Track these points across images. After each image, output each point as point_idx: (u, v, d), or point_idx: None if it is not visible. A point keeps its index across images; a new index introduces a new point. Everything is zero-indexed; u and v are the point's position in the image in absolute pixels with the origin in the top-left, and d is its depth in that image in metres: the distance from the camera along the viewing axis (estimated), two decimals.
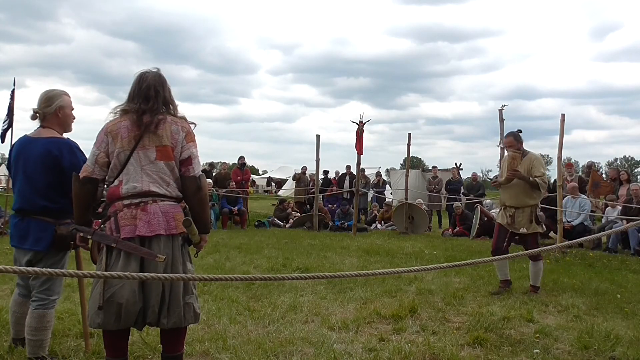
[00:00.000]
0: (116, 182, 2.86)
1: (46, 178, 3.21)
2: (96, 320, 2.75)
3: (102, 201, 3.03)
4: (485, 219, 12.07)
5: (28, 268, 1.98)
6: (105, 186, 2.95)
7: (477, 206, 12.47)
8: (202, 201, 2.94)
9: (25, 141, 3.32)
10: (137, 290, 2.76)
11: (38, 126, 3.34)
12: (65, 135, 3.40)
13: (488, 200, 13.96)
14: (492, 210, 12.63)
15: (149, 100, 2.89)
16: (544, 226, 6.04)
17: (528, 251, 4.07)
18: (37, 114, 3.31)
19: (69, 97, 3.38)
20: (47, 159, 3.19)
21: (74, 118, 3.43)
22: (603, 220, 10.50)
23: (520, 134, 5.87)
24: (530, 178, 5.59)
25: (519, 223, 5.73)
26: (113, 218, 2.83)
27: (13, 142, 3.96)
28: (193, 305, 2.88)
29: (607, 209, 10.38)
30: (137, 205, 2.80)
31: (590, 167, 13.30)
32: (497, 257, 4.77)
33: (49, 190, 3.22)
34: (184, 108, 4.43)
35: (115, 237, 2.77)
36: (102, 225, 2.89)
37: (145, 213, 2.78)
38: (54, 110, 3.28)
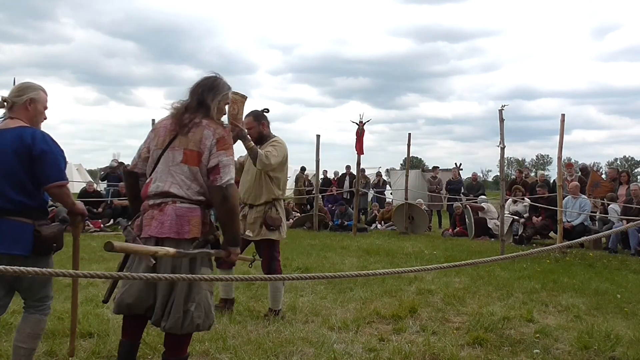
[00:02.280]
0: (148, 180, 2.94)
1: (21, 169, 2.87)
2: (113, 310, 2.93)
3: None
4: (479, 214, 12.08)
5: (28, 268, 1.93)
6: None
7: (466, 206, 12.49)
8: (229, 212, 2.84)
9: None
10: (145, 289, 2.80)
11: (3, 117, 3.05)
12: None
13: (482, 197, 13.85)
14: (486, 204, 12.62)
15: (188, 97, 2.98)
16: (280, 233, 4.58)
17: (527, 252, 4.01)
18: (6, 103, 3.01)
19: (46, 94, 3.12)
20: (19, 147, 2.86)
21: (45, 118, 3.13)
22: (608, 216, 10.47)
23: (265, 113, 4.70)
24: (251, 144, 4.29)
25: (248, 227, 4.47)
26: (141, 216, 2.89)
27: None
28: (192, 314, 2.80)
29: (610, 206, 10.36)
30: (157, 206, 2.83)
31: (584, 170, 13.34)
32: (496, 257, 4.66)
33: (25, 183, 2.89)
34: None
35: (134, 235, 2.83)
36: (132, 222, 2.95)
37: (162, 214, 2.80)
38: (23, 102, 3.00)
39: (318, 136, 13.51)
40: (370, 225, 14.39)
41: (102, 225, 12.13)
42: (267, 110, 4.70)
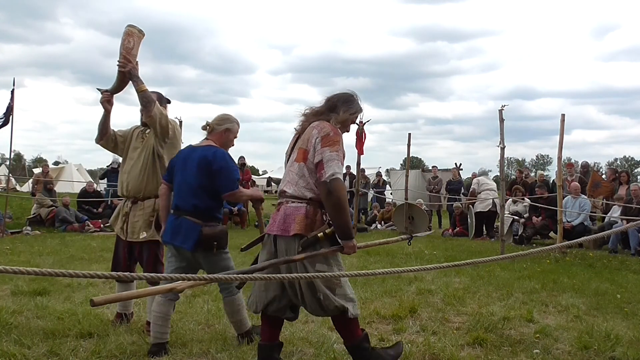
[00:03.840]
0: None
1: (199, 179, 3.56)
2: None
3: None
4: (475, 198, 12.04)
5: (28, 268, 1.95)
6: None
7: (469, 207, 12.47)
8: (334, 206, 2.97)
9: (189, 149, 3.75)
10: (276, 289, 3.19)
11: (204, 138, 3.81)
12: None
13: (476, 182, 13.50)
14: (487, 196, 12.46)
15: (322, 103, 3.22)
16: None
17: (527, 252, 4.01)
18: (208, 126, 3.76)
19: (239, 126, 3.86)
20: (202, 162, 3.57)
21: (233, 145, 3.88)
22: (605, 219, 10.50)
23: (168, 101, 4.28)
24: (144, 86, 3.80)
25: (133, 226, 3.99)
26: None
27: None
28: (323, 302, 3.06)
29: (614, 207, 10.38)
30: (278, 205, 3.18)
31: (585, 167, 13.32)
32: (496, 257, 4.58)
33: (200, 190, 3.56)
34: (183, 108, 4.57)
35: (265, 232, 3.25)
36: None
37: (277, 213, 3.14)
38: (221, 130, 3.74)
39: None
40: (370, 226, 14.39)
41: (102, 225, 12.13)
42: (169, 101, 4.32)
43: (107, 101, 3.96)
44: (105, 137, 4.07)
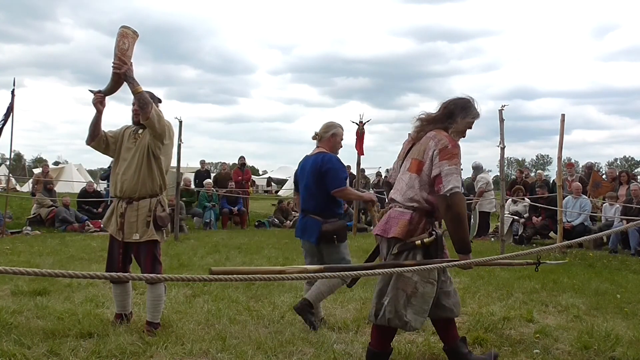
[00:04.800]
0: None
1: (315, 184, 4.20)
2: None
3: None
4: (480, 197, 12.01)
5: (28, 269, 1.97)
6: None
7: (474, 207, 12.45)
8: (453, 220, 2.97)
9: (304, 159, 4.44)
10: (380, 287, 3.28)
11: (315, 146, 4.43)
12: None
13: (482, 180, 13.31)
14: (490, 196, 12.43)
15: (438, 109, 3.22)
16: (165, 234, 4.07)
17: (527, 251, 4.00)
18: (317, 135, 4.39)
19: (343, 130, 4.42)
20: (314, 168, 4.21)
21: (341, 146, 4.45)
22: (602, 220, 10.51)
23: (159, 100, 4.14)
24: (140, 88, 3.73)
25: (130, 226, 3.91)
26: None
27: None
28: (385, 308, 3.07)
29: (604, 205, 10.38)
30: (388, 210, 3.24)
31: (590, 168, 13.31)
32: (496, 257, 4.49)
33: (317, 193, 4.20)
34: (183, 108, 4.61)
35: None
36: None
37: (385, 216, 3.21)
38: (328, 136, 4.34)
39: None
40: (370, 225, 14.37)
41: (102, 225, 12.11)
42: (160, 101, 4.17)
43: (99, 102, 3.90)
44: (97, 138, 4.01)
